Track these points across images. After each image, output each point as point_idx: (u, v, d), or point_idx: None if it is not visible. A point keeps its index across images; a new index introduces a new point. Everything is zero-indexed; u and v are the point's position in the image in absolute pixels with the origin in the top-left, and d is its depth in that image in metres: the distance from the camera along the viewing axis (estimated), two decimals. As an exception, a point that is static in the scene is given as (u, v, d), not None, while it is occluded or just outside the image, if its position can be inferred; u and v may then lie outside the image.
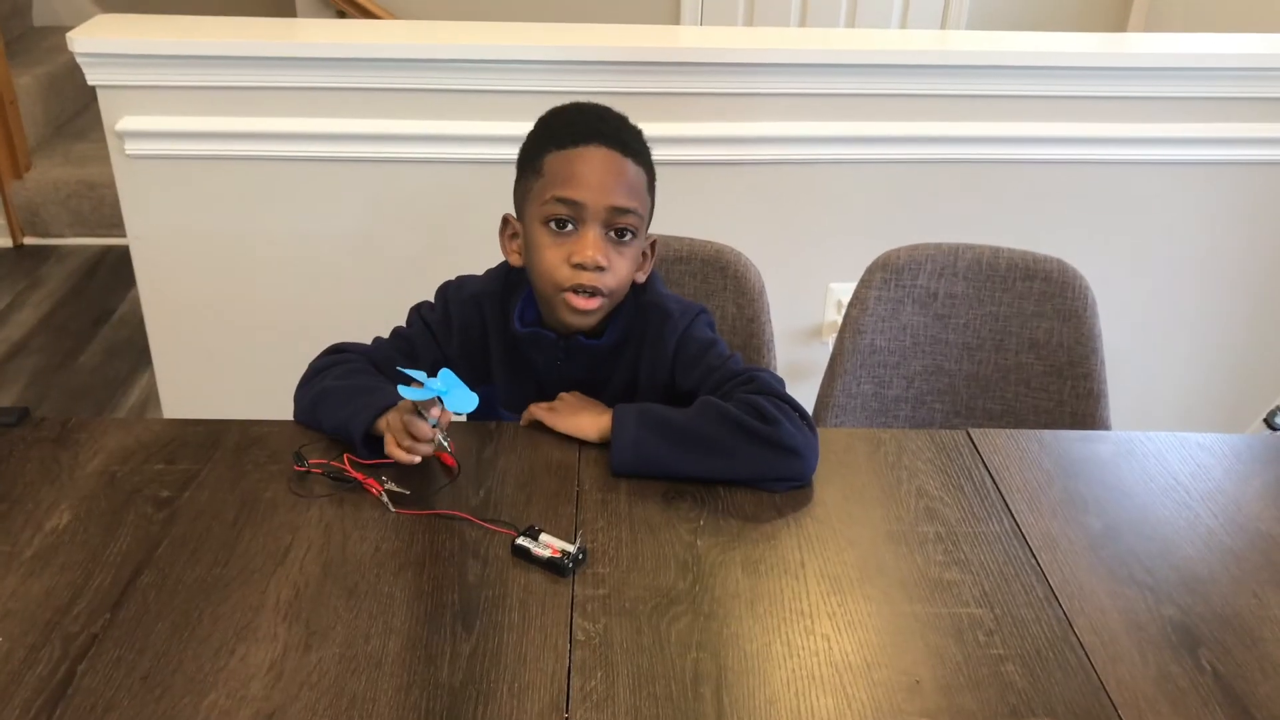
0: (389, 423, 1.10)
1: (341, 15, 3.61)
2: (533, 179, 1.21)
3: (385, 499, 1.09)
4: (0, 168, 3.43)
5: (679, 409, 1.18)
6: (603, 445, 1.18)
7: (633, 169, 1.20)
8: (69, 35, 1.80)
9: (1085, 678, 0.92)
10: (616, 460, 1.15)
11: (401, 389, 1.04)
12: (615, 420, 1.17)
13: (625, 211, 1.18)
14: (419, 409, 1.07)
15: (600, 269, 1.18)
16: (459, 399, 1.05)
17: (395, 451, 1.08)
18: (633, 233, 1.20)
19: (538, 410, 1.23)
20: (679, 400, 1.25)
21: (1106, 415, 1.56)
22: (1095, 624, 0.98)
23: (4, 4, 4.01)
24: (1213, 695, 0.90)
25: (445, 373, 1.06)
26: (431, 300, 1.32)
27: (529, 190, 1.22)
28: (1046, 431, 1.29)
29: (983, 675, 0.92)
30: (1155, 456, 1.24)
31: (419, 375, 1.05)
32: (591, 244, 1.17)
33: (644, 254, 1.28)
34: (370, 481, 1.11)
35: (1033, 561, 1.06)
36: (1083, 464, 1.22)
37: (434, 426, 1.07)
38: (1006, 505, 1.14)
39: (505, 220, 1.28)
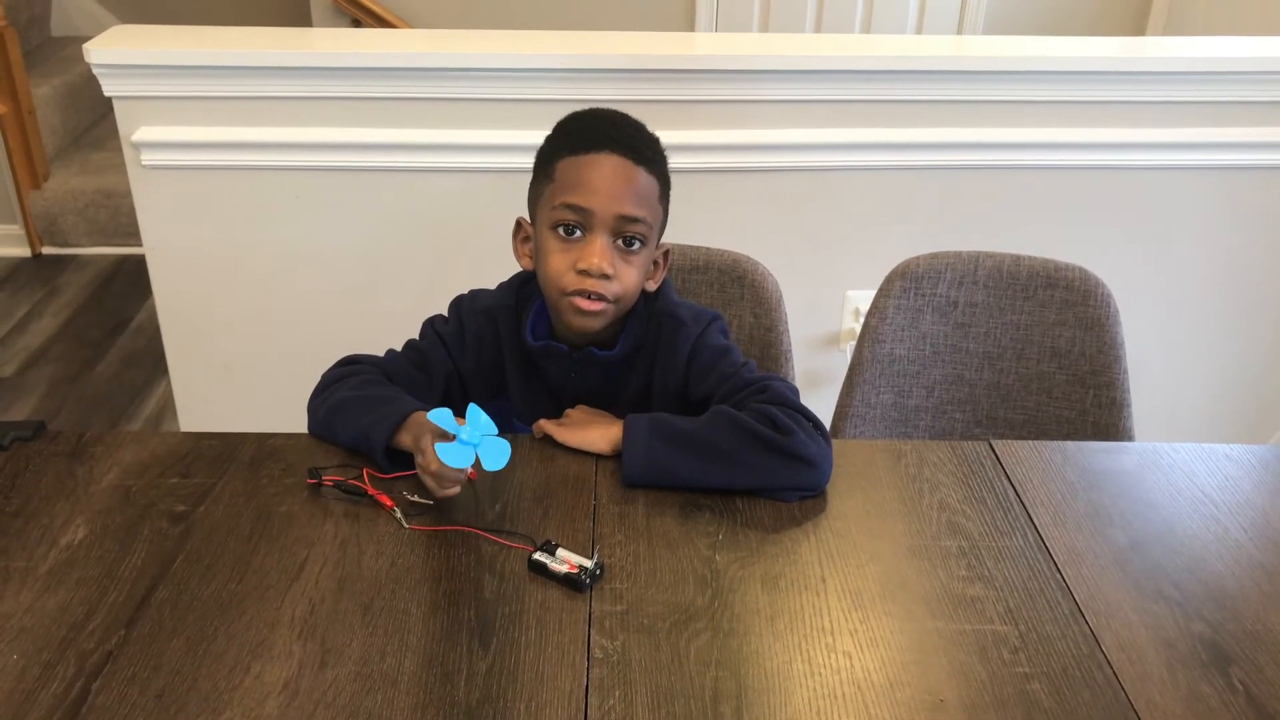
0: (422, 465, 1.08)
1: (357, 24, 3.61)
2: (545, 183, 1.21)
3: (399, 515, 1.08)
4: (19, 177, 3.45)
5: (690, 418, 1.17)
6: (617, 457, 1.17)
7: (644, 177, 1.19)
8: (86, 46, 1.81)
9: (1114, 697, 0.90)
10: (628, 471, 1.14)
11: (440, 449, 1.01)
12: (626, 431, 1.16)
13: (633, 220, 1.17)
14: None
15: (606, 277, 1.17)
16: (492, 452, 1.03)
17: (435, 490, 1.07)
18: (641, 241, 1.19)
19: (547, 426, 1.22)
20: (693, 409, 1.24)
21: (1130, 425, 1.54)
22: (1123, 641, 0.96)
23: (22, 14, 4.03)
24: (1245, 715, 0.88)
25: (473, 409, 1.04)
26: (444, 313, 1.31)
27: (540, 194, 1.22)
28: (1070, 443, 1.27)
29: (1008, 694, 0.90)
30: (1182, 468, 1.22)
31: (449, 424, 1.02)
32: (598, 252, 1.16)
33: (656, 263, 1.27)
34: (383, 497, 1.10)
35: (1058, 576, 1.04)
36: (1107, 476, 1.20)
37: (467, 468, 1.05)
38: (1030, 518, 1.13)
39: (518, 224, 1.28)
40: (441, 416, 1.03)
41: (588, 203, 1.16)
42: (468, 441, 1.02)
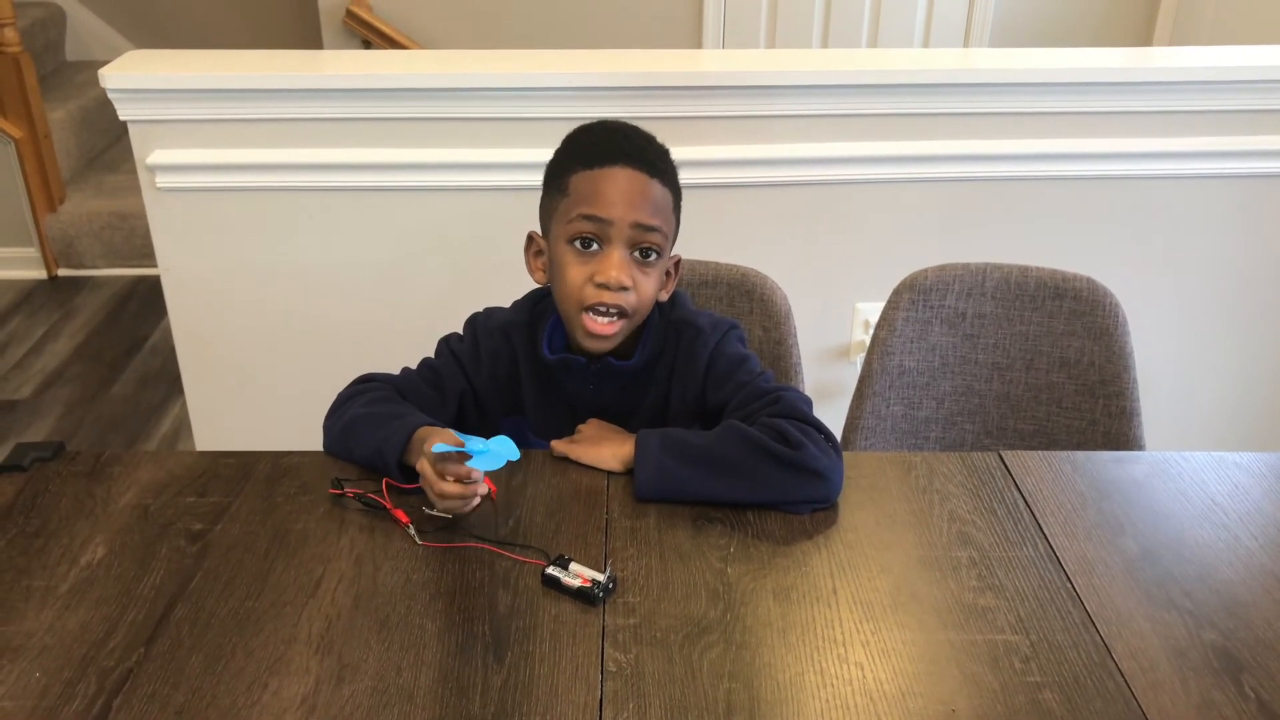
0: (427, 488, 1.09)
1: (367, 45, 3.65)
2: (558, 198, 1.21)
3: (412, 531, 1.09)
4: (35, 201, 3.49)
5: (702, 433, 1.18)
6: (629, 473, 1.18)
7: (658, 189, 1.20)
8: (101, 72, 1.83)
9: (1125, 705, 0.90)
10: (640, 488, 1.15)
11: (436, 448, 1.04)
12: (638, 447, 1.17)
13: (650, 229, 1.18)
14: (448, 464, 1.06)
15: (624, 289, 1.18)
16: (496, 453, 1.04)
17: (445, 511, 1.09)
18: (657, 252, 1.21)
19: (560, 445, 1.23)
20: (710, 417, 1.24)
21: (1140, 434, 1.54)
22: (1134, 649, 0.96)
23: (37, 40, 4.08)
24: (1257, 723, 0.89)
25: (482, 440, 1.05)
26: (459, 332, 1.33)
27: (554, 209, 1.22)
28: (1080, 453, 1.28)
29: (1020, 704, 0.90)
30: (1191, 476, 1.22)
31: (449, 447, 1.04)
32: (616, 264, 1.17)
33: (668, 272, 1.28)
34: (398, 512, 1.11)
35: (1068, 586, 1.04)
36: (1117, 485, 1.21)
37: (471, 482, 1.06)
38: (1040, 528, 1.13)
39: (530, 238, 1.29)
40: (442, 449, 1.05)
41: (606, 213, 1.17)
42: (469, 449, 1.03)
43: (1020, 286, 1.55)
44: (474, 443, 1.04)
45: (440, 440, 1.07)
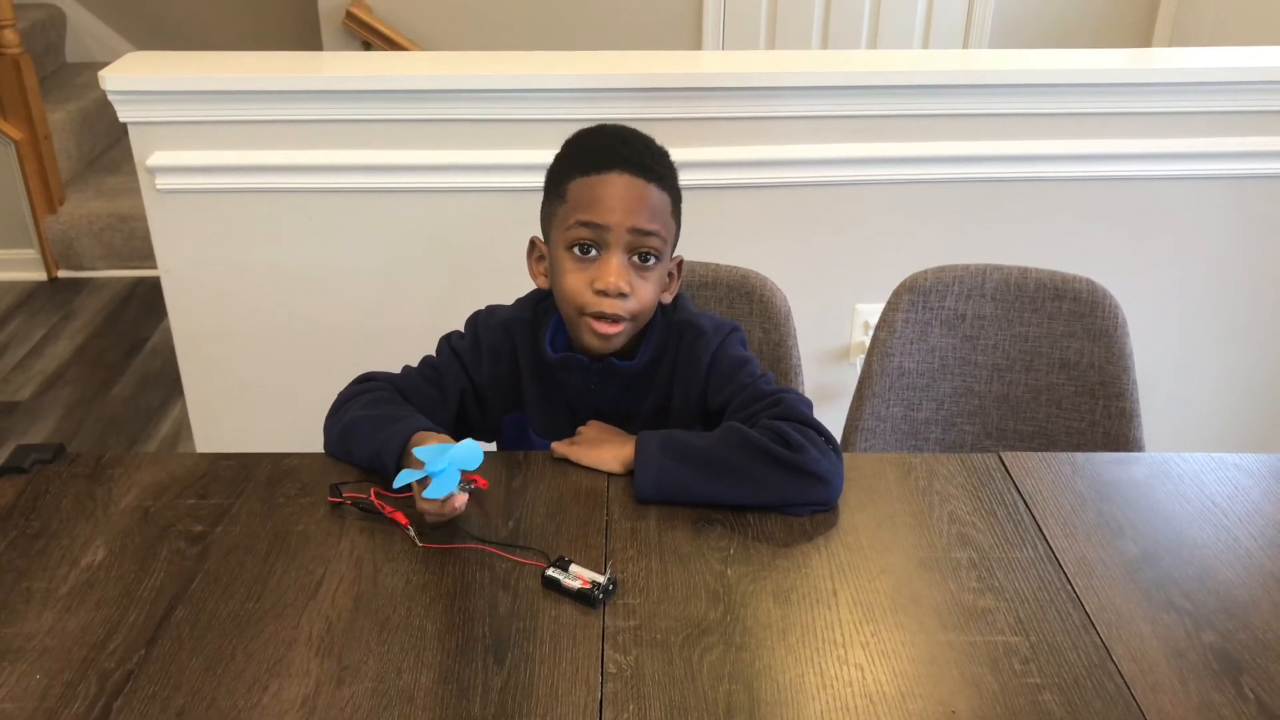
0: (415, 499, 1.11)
1: (367, 47, 3.65)
2: (557, 204, 1.22)
3: (411, 533, 1.09)
4: (35, 202, 3.49)
5: (702, 435, 1.18)
6: (629, 475, 1.18)
7: (656, 193, 1.20)
8: (101, 73, 1.83)
9: (1125, 707, 0.90)
10: (640, 490, 1.15)
11: (399, 477, 1.05)
12: (638, 449, 1.17)
13: (648, 234, 1.19)
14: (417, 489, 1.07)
15: (623, 295, 1.18)
16: (443, 481, 1.04)
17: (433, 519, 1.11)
18: (656, 256, 1.21)
19: (560, 447, 1.24)
20: (711, 418, 1.25)
21: (1140, 435, 1.54)
22: (1134, 651, 0.96)
23: (38, 41, 4.08)
24: (1256, 724, 0.89)
25: (445, 451, 1.06)
26: (461, 330, 1.33)
27: (554, 215, 1.23)
28: (1079, 454, 1.28)
29: (1020, 705, 0.90)
30: (1191, 478, 1.22)
31: (417, 475, 1.05)
32: (614, 270, 1.18)
33: (670, 274, 1.28)
34: (397, 515, 1.11)
35: (1068, 587, 1.04)
36: (1117, 487, 1.21)
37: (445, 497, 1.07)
38: (1040, 530, 1.13)
39: (532, 243, 1.29)
40: (405, 476, 1.06)
41: (603, 219, 1.17)
42: (431, 470, 1.04)
43: (1020, 288, 1.55)
44: (435, 461, 1.04)
45: (435, 442, 1.08)
